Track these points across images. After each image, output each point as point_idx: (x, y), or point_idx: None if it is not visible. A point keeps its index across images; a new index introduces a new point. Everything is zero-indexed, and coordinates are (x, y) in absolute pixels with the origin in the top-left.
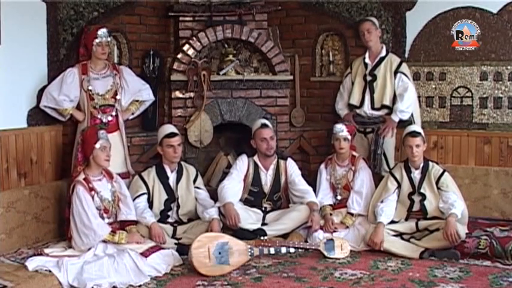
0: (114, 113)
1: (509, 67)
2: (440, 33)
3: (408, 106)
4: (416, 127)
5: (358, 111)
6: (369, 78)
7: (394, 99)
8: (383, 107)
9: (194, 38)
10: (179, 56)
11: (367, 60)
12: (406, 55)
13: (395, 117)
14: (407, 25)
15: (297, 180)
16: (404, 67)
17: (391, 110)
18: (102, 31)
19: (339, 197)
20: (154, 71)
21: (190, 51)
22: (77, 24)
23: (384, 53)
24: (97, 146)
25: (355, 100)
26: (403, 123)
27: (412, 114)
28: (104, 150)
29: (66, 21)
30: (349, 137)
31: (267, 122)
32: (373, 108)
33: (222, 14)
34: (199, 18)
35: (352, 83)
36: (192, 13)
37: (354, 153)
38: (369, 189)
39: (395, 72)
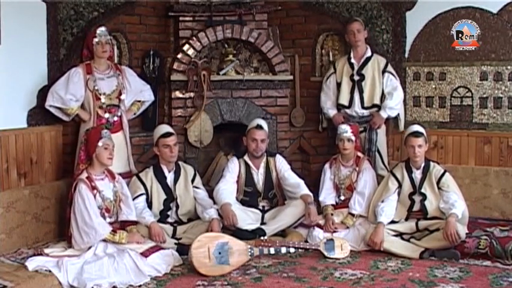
0: (119, 113)
1: (509, 67)
2: (440, 33)
3: (397, 104)
4: (419, 127)
5: (348, 111)
6: (356, 77)
7: (382, 97)
8: (373, 105)
9: (194, 38)
10: (179, 56)
11: (352, 60)
12: (406, 55)
13: (384, 114)
14: (407, 25)
15: (287, 174)
16: (390, 67)
17: (380, 108)
18: (101, 30)
19: (342, 197)
20: (154, 71)
21: (190, 51)
22: (77, 24)
23: (369, 53)
24: (100, 144)
25: (344, 100)
26: (387, 121)
27: (398, 114)
28: (106, 149)
29: (66, 21)
30: (353, 138)
31: (263, 123)
32: (363, 107)
33: (222, 14)
34: (199, 18)
35: (338, 83)
36: (192, 13)
37: (359, 153)
38: (371, 190)
39: (383, 72)
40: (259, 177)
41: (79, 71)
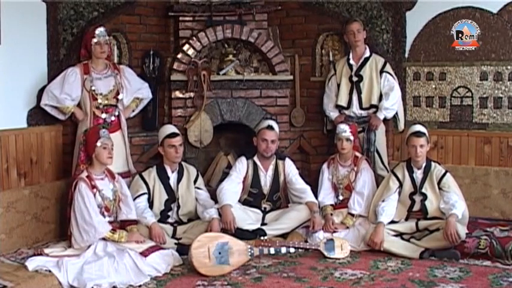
0: (116, 113)
1: (509, 67)
2: (440, 33)
3: (393, 104)
4: (421, 127)
5: (347, 112)
6: (355, 78)
7: (381, 98)
8: (371, 106)
9: (194, 38)
10: (179, 56)
11: (351, 61)
12: (406, 55)
13: (381, 115)
14: (407, 25)
15: (294, 179)
16: (388, 67)
17: (378, 109)
18: (100, 30)
19: (340, 197)
20: (154, 71)
21: (190, 51)
22: (77, 24)
23: (367, 53)
24: (98, 144)
25: (342, 101)
26: (387, 121)
27: (396, 113)
28: (105, 148)
29: (66, 21)
30: (352, 138)
31: (274, 124)
32: (361, 108)
33: (222, 14)
34: (199, 18)
35: (338, 85)
36: (192, 13)
37: (357, 153)
38: (370, 190)
39: (381, 72)
40: (266, 179)
41: (76, 71)
